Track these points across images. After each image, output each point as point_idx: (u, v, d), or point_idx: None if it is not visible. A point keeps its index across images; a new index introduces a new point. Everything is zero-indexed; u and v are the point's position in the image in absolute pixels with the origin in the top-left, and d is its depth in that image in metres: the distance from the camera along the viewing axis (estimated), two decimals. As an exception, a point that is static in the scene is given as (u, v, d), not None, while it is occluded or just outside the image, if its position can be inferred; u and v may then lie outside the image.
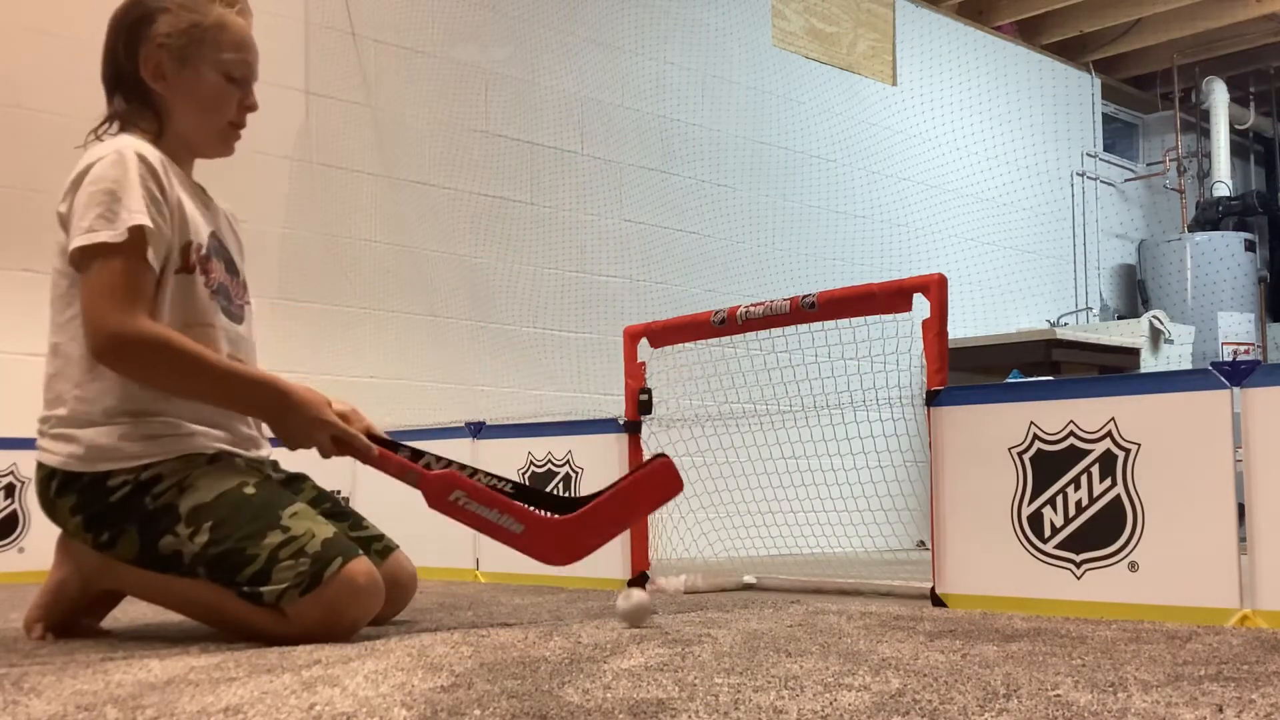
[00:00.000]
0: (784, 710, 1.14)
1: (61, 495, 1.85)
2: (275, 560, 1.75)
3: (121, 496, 1.81)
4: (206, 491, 1.81)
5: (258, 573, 1.75)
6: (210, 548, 1.77)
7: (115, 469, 1.81)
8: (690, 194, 5.50)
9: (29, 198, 3.73)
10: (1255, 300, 7.69)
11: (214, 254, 1.97)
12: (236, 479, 1.84)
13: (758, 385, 4.18)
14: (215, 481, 1.82)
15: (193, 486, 1.81)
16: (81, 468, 1.83)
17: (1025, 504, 2.20)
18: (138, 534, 1.81)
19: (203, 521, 1.78)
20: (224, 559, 1.77)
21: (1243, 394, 1.98)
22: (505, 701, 1.19)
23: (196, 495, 1.80)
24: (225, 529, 1.77)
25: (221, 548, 1.77)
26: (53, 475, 1.87)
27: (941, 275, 2.46)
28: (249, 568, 1.75)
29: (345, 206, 4.37)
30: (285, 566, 1.74)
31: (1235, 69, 8.10)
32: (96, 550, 1.86)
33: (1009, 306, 6.94)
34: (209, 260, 1.94)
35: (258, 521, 1.78)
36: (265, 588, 1.74)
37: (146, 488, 1.81)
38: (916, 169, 6.58)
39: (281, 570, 1.74)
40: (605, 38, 5.23)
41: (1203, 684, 1.29)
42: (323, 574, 1.74)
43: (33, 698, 1.24)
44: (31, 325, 3.78)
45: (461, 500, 1.89)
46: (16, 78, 3.72)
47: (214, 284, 1.94)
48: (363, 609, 1.78)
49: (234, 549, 1.76)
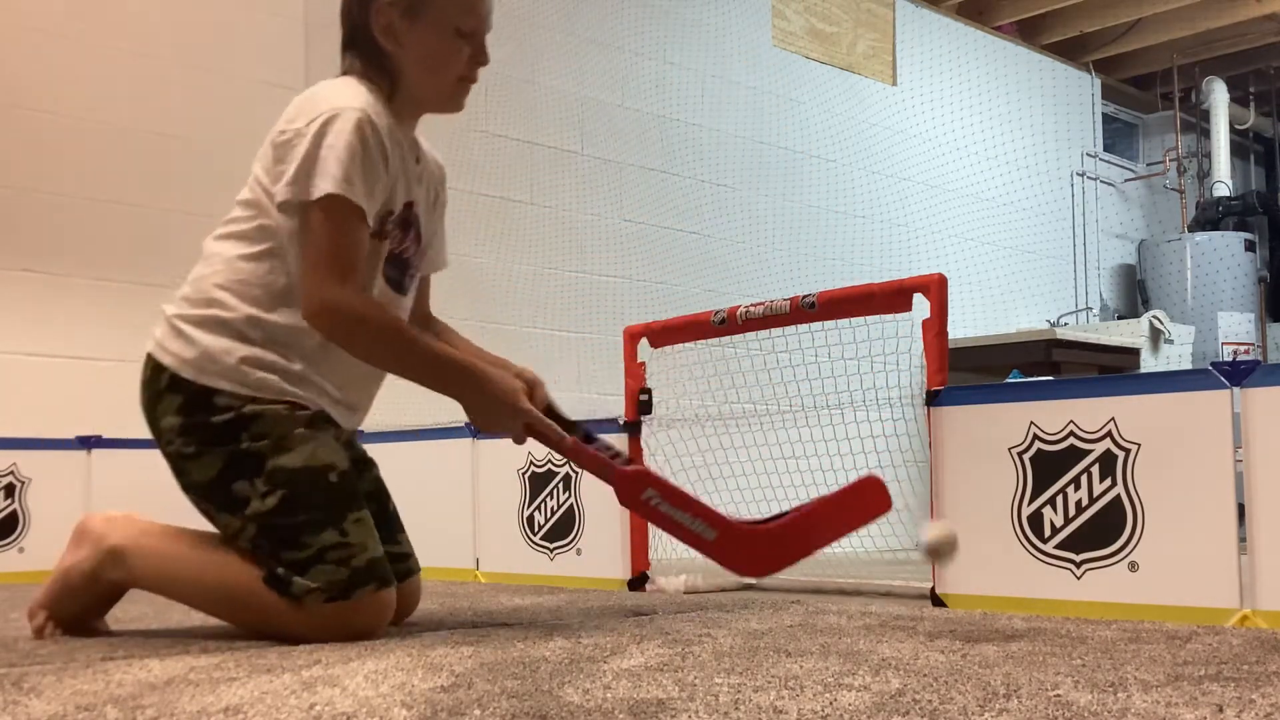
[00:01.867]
0: (784, 710, 1.14)
1: (170, 393, 1.85)
2: (321, 559, 1.76)
3: (223, 421, 1.81)
4: (294, 458, 1.80)
5: (300, 561, 1.76)
6: (273, 515, 1.78)
7: (224, 389, 1.81)
8: (690, 194, 5.50)
9: (29, 198, 3.73)
10: (1255, 300, 7.69)
11: (401, 224, 1.94)
12: (325, 458, 1.82)
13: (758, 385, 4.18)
14: (306, 452, 1.81)
15: (285, 448, 1.80)
16: (191, 375, 1.83)
17: (1025, 504, 2.20)
18: (221, 463, 1.81)
19: (278, 487, 1.78)
20: (277, 532, 1.78)
21: (1243, 394, 1.98)
22: (505, 701, 1.19)
23: (284, 458, 1.79)
24: (293, 506, 1.78)
25: (281, 520, 1.78)
26: (162, 371, 1.86)
27: (941, 275, 2.46)
28: (295, 553, 1.77)
29: (345, 206, 4.37)
30: (325, 569, 1.76)
31: (1235, 69, 8.10)
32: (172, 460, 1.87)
33: (1009, 306, 6.94)
34: (396, 229, 1.92)
35: (324, 513, 1.79)
36: (299, 579, 1.75)
37: (244, 424, 1.80)
38: (916, 169, 6.58)
39: (321, 571, 1.76)
40: (605, 38, 5.23)
41: (1203, 684, 1.29)
42: (353, 592, 1.76)
43: (33, 698, 1.24)
44: (32, 325, 3.79)
45: (654, 500, 1.83)
46: (16, 78, 3.72)
47: (393, 253, 1.93)
48: (369, 631, 1.79)
49: (291, 528, 1.77)
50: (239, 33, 4.17)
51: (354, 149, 1.77)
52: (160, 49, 3.99)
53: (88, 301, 3.81)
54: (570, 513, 3.04)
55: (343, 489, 1.83)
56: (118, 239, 3.87)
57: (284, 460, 1.80)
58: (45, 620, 1.89)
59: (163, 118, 3.98)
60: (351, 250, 1.79)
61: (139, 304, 3.91)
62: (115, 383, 3.84)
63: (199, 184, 4.04)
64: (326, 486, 1.81)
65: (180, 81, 4.02)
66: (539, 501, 3.10)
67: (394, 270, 1.95)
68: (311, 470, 1.80)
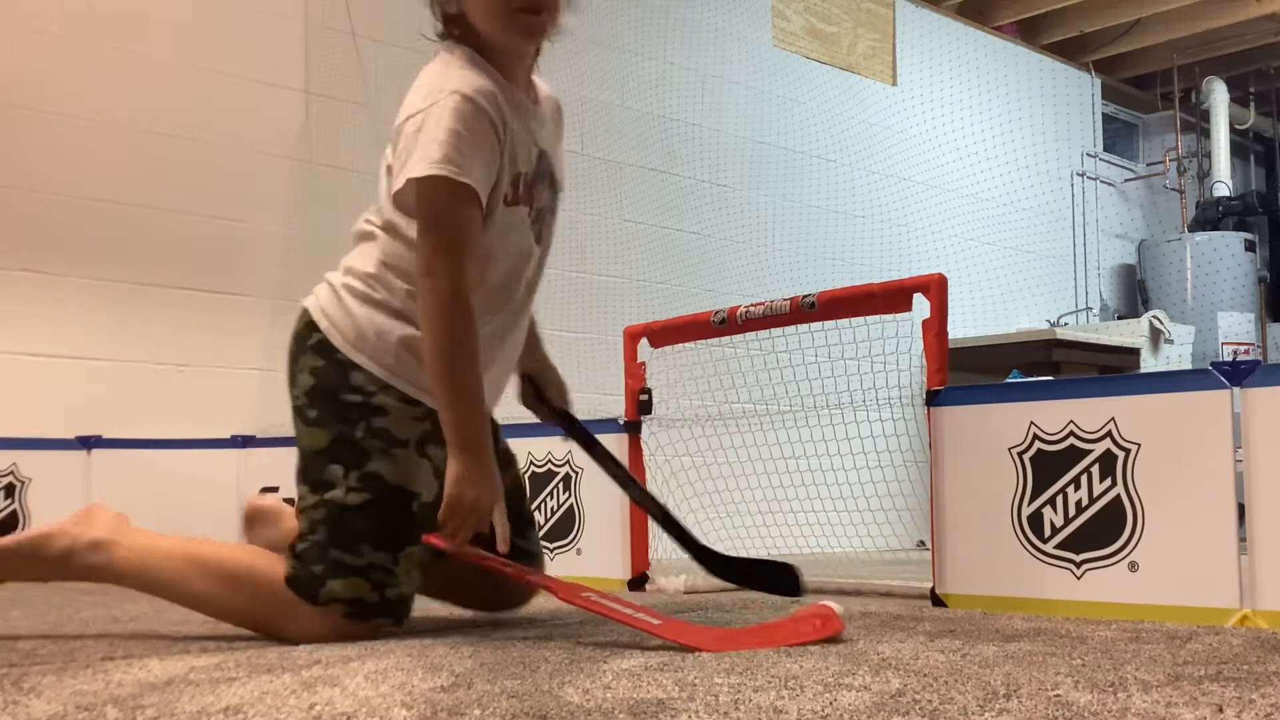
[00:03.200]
0: (784, 710, 1.14)
1: (313, 354, 1.88)
2: (363, 574, 1.78)
3: (350, 402, 1.83)
4: (393, 472, 1.82)
5: (344, 565, 1.78)
6: (346, 511, 1.80)
7: (364, 367, 1.84)
8: (690, 194, 5.50)
9: (29, 198, 3.73)
10: (1255, 300, 7.69)
11: (539, 177, 1.93)
12: (418, 485, 1.83)
13: (758, 385, 4.18)
14: (404, 470, 1.83)
15: (389, 456, 1.82)
16: (338, 344, 1.86)
17: (1025, 504, 2.20)
18: (329, 440, 1.84)
19: (365, 490, 1.81)
20: (342, 528, 1.79)
21: (1243, 394, 1.98)
22: (505, 701, 1.19)
23: (384, 466, 1.82)
24: (369, 514, 1.80)
25: (351, 521, 1.80)
26: (314, 330, 1.89)
27: (941, 275, 2.45)
28: (344, 555, 1.78)
29: (345, 206, 4.36)
30: (360, 585, 1.78)
31: (1235, 69, 8.10)
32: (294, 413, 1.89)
33: (1009, 306, 6.94)
34: (534, 186, 1.91)
35: (389, 535, 1.80)
36: (328, 585, 1.77)
37: (367, 414, 1.83)
38: (916, 169, 6.58)
39: (355, 584, 1.78)
40: (605, 38, 5.23)
41: (1203, 684, 1.29)
42: (371, 618, 1.80)
43: (33, 698, 1.24)
44: (32, 325, 3.79)
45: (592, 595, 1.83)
46: (16, 78, 3.72)
47: (534, 212, 1.92)
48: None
49: (355, 533, 1.79)
50: (239, 33, 4.17)
51: (454, 132, 1.76)
52: (160, 49, 3.99)
53: (88, 301, 3.81)
54: (570, 513, 3.04)
55: (419, 519, 1.82)
56: (118, 239, 3.87)
57: (383, 468, 1.81)
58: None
59: (163, 118, 3.97)
60: (457, 229, 1.77)
61: (139, 304, 3.91)
62: (115, 383, 3.85)
63: (199, 184, 4.04)
64: (404, 513, 1.82)
65: (180, 81, 4.02)
66: (539, 501, 3.10)
67: (539, 225, 1.95)
68: (401, 491, 1.82)
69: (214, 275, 4.06)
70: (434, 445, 1.84)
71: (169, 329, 3.95)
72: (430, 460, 1.85)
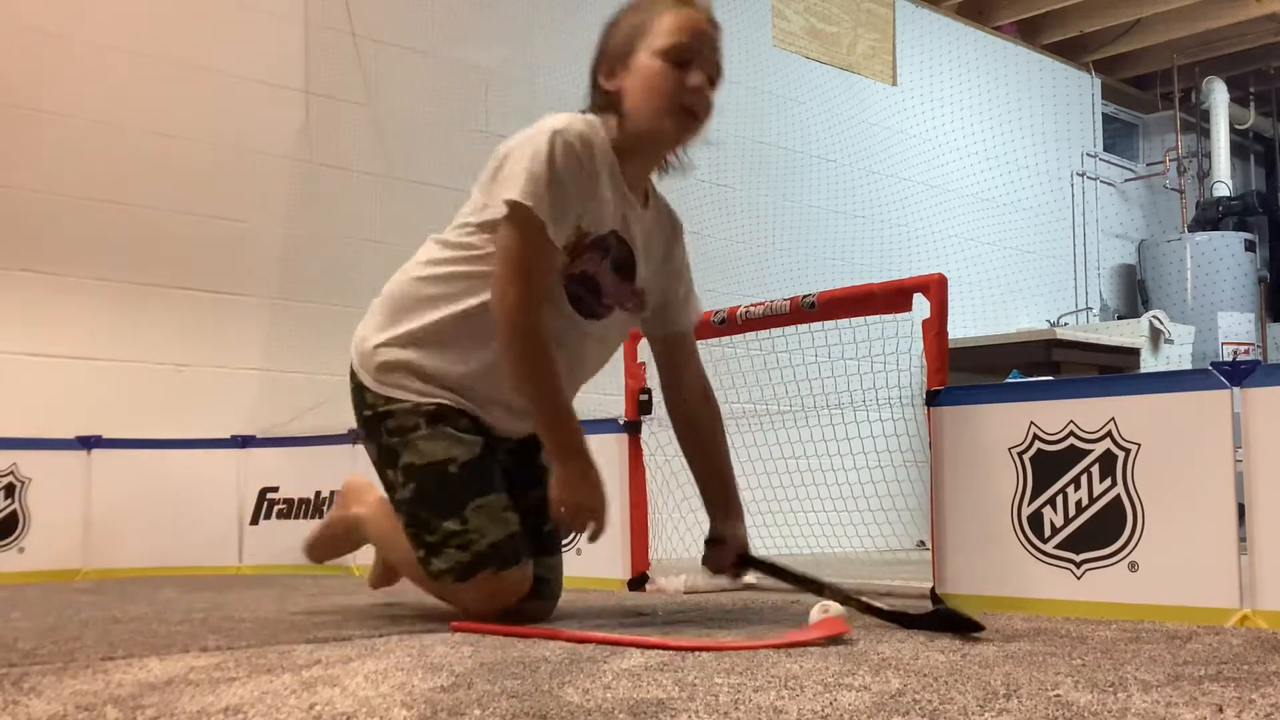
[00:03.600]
0: (784, 710, 1.14)
1: (351, 382, 2.12)
2: (444, 545, 1.96)
3: (369, 416, 2.06)
4: (418, 456, 1.98)
5: (432, 545, 1.97)
6: (410, 505, 2.00)
7: (369, 387, 2.05)
8: (690, 194, 5.49)
9: (29, 198, 3.73)
10: (1255, 300, 7.69)
11: (601, 248, 2.01)
12: (445, 453, 1.97)
13: (758, 385, 4.18)
14: (428, 448, 1.98)
15: (411, 445, 1.99)
16: (355, 368, 2.10)
17: (1025, 504, 2.20)
18: (376, 452, 2.07)
19: (409, 481, 1.99)
20: (414, 521, 2.00)
21: (1243, 394, 1.98)
22: (505, 701, 1.19)
23: (410, 455, 1.99)
24: (422, 498, 1.98)
25: (415, 511, 2.00)
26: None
27: (941, 275, 2.45)
28: (429, 536, 1.97)
29: (345, 206, 4.37)
30: (451, 554, 1.95)
31: (1235, 69, 8.10)
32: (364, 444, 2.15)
33: (1009, 306, 6.94)
34: (588, 250, 1.99)
35: (446, 505, 1.96)
36: (432, 563, 1.97)
37: (382, 420, 2.03)
38: (916, 169, 6.58)
39: (446, 556, 1.96)
40: (605, 38, 5.22)
41: (1203, 684, 1.29)
42: (473, 574, 1.95)
43: (33, 698, 1.24)
44: (32, 325, 3.79)
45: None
46: (16, 78, 3.72)
47: (578, 269, 1.99)
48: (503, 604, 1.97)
49: (421, 518, 1.98)
50: (239, 33, 4.17)
51: (543, 165, 1.88)
52: (160, 49, 3.99)
53: (88, 301, 3.81)
54: (570, 513, 3.04)
55: (463, 478, 1.97)
56: (118, 239, 3.87)
57: (411, 457, 1.99)
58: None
59: (163, 118, 3.97)
60: (531, 264, 1.90)
61: (139, 304, 3.91)
62: (115, 383, 3.85)
63: (199, 184, 4.04)
64: (447, 479, 1.97)
65: (180, 81, 4.02)
66: (539, 501, 3.09)
67: (582, 289, 2.02)
68: (433, 465, 1.97)
69: (214, 275, 4.06)
70: (441, 422, 1.99)
71: (169, 329, 3.95)
72: (445, 429, 1.99)
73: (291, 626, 2.00)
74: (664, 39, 1.97)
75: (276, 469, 3.80)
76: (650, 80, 1.98)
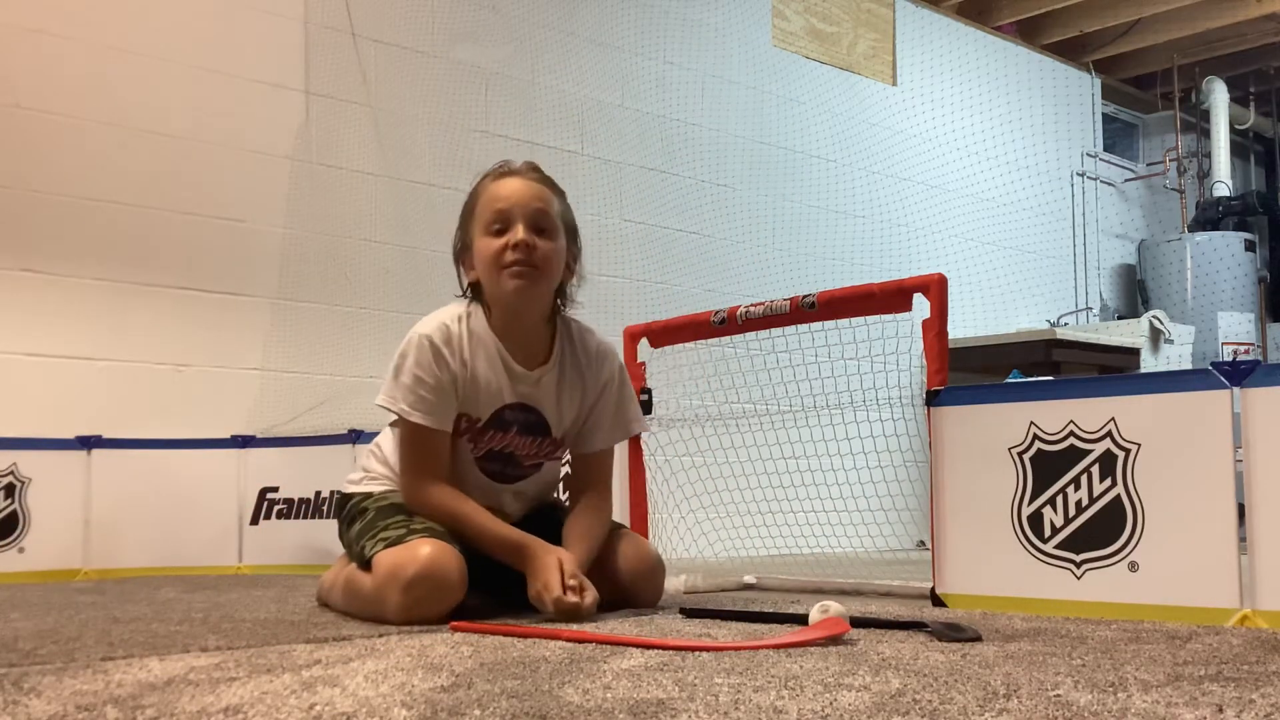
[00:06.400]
0: (784, 710, 1.14)
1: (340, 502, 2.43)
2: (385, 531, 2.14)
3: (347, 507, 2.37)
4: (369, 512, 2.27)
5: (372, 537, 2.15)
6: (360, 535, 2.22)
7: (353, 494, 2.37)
8: (690, 194, 5.50)
9: (29, 198, 3.73)
10: (1255, 300, 7.69)
11: (499, 426, 2.23)
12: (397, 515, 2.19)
13: (758, 385, 4.18)
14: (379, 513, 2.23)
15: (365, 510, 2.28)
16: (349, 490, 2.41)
17: (1025, 504, 2.20)
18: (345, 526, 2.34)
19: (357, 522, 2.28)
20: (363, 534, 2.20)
21: (1243, 394, 1.98)
22: (505, 701, 1.19)
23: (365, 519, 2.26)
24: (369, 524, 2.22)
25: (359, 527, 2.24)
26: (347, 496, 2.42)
27: (941, 275, 2.46)
28: (370, 534, 2.17)
29: (345, 206, 4.38)
30: (388, 536, 2.12)
31: (1235, 69, 8.10)
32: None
33: (1009, 306, 6.94)
34: (485, 432, 2.22)
35: (389, 518, 2.18)
36: (367, 543, 2.14)
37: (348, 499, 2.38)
38: (916, 169, 6.58)
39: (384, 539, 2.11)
40: (605, 38, 5.23)
41: (1203, 684, 1.29)
42: (405, 539, 2.09)
43: (33, 698, 1.24)
44: (32, 325, 3.79)
45: None
46: (16, 78, 3.72)
47: (482, 450, 2.24)
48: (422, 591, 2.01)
49: (366, 529, 2.20)
50: (239, 33, 4.17)
51: (399, 367, 2.16)
52: (160, 49, 3.99)
53: (88, 301, 3.81)
54: (570, 513, 3.04)
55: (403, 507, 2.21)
56: (118, 239, 3.87)
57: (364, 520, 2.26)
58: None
59: (163, 118, 3.97)
60: (412, 451, 2.19)
61: (139, 304, 3.91)
62: (115, 383, 3.85)
63: (199, 184, 4.04)
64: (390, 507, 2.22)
65: (180, 81, 4.02)
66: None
67: (495, 464, 2.25)
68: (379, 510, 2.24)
69: (214, 275, 4.06)
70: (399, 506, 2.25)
71: (169, 329, 3.95)
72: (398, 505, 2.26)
73: (291, 626, 2.00)
74: (485, 217, 2.19)
75: (276, 469, 3.80)
76: (482, 258, 2.19)
